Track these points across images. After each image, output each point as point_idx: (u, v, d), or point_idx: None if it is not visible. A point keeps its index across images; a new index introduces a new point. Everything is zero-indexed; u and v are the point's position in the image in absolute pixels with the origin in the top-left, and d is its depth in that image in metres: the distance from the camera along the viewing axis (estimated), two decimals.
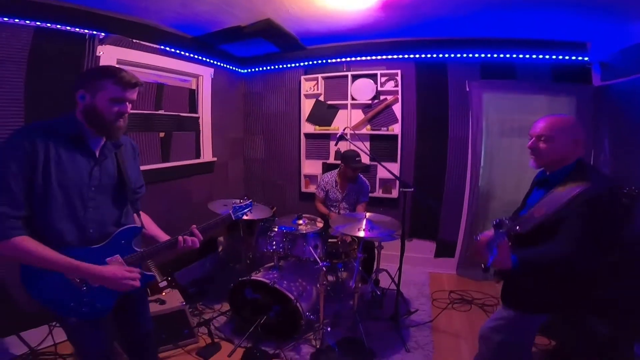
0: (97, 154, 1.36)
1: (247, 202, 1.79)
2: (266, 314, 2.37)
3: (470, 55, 3.38)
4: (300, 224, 2.61)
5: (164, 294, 2.45)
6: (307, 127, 4.03)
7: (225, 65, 3.86)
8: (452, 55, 3.43)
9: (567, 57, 3.16)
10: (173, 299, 2.39)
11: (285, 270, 2.61)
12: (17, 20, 2.06)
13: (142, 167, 1.67)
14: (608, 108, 2.97)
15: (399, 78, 3.59)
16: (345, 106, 3.83)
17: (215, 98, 3.70)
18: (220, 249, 3.81)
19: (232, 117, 4.11)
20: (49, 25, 2.18)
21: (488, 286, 3.32)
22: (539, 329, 1.58)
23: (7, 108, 2.03)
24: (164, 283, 2.53)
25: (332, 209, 3.27)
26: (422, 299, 3.12)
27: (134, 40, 2.74)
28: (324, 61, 3.84)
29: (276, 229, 2.62)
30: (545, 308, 1.47)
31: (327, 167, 3.93)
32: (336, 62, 3.81)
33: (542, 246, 1.32)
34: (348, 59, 3.76)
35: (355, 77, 3.74)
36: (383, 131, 3.74)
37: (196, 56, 3.38)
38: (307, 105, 3.99)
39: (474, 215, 3.53)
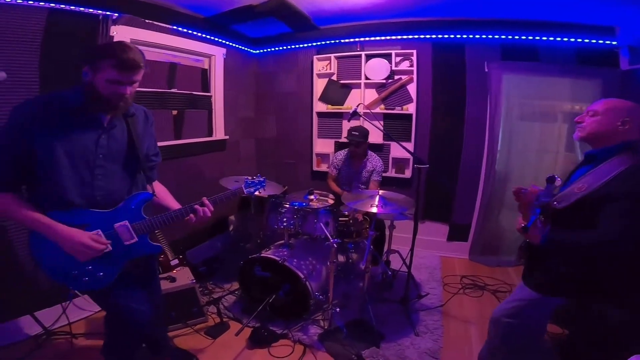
0: (106, 122, 1.35)
1: (260, 179, 1.77)
2: (275, 293, 2.36)
3: (490, 36, 3.25)
4: (312, 200, 2.58)
5: (174, 271, 2.47)
6: (320, 106, 3.99)
7: (237, 46, 3.84)
8: (471, 36, 3.32)
9: (593, 41, 3.02)
10: (183, 276, 2.39)
11: (295, 249, 2.59)
12: (31, 1, 2.04)
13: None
14: (637, 92, 2.83)
15: (414, 58, 3.51)
16: (358, 85, 3.78)
17: (228, 78, 3.69)
18: (231, 228, 3.85)
19: (244, 96, 4.11)
20: (62, 6, 2.17)
21: (501, 272, 3.27)
22: (551, 316, 1.54)
23: (22, 89, 2.02)
24: (176, 261, 2.54)
25: (345, 187, 3.24)
26: (433, 283, 3.09)
27: (147, 21, 2.72)
28: (337, 41, 3.77)
29: (287, 205, 2.59)
30: (569, 292, 1.43)
31: (339, 146, 3.91)
32: (349, 42, 3.74)
33: (581, 229, 1.27)
34: (362, 38, 3.68)
35: (369, 57, 3.67)
36: (397, 110, 3.67)
37: (208, 36, 3.37)
38: (319, 85, 3.95)
39: (489, 199, 3.45)
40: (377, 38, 3.63)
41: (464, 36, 3.33)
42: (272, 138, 4.32)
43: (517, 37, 3.18)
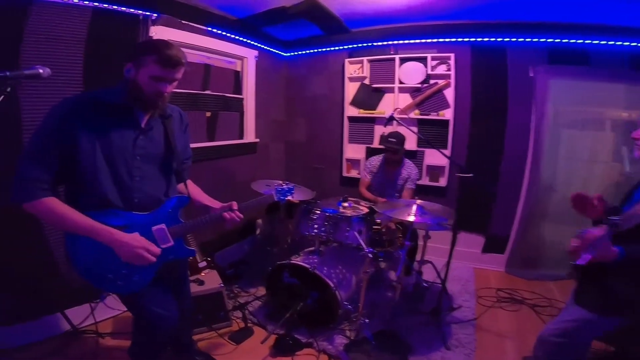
0: (143, 123, 1.34)
1: (290, 186, 1.74)
2: (303, 301, 2.29)
3: (535, 39, 3.09)
4: (345, 207, 2.50)
5: (203, 274, 2.45)
6: (351, 111, 3.91)
7: (268, 48, 3.83)
8: (514, 39, 3.16)
9: None
10: (212, 280, 2.38)
11: (325, 256, 2.52)
12: (76, 0, 2.09)
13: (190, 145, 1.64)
14: None
15: (452, 62, 3.38)
16: (391, 90, 3.68)
17: (259, 80, 3.69)
18: (258, 231, 3.82)
19: (274, 99, 4.10)
20: (105, 5, 2.21)
21: (540, 286, 3.08)
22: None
23: (67, 87, 2.06)
24: (204, 263, 2.53)
25: (377, 194, 3.14)
26: (466, 295, 2.95)
27: (183, 22, 2.75)
28: (370, 44, 3.70)
29: (318, 212, 2.52)
30: (630, 311, 1.34)
31: (370, 152, 3.80)
32: (382, 45, 3.66)
33: None
34: (395, 41, 3.59)
35: (403, 60, 3.57)
36: (433, 116, 3.53)
37: (241, 38, 3.38)
38: (351, 89, 3.87)
39: (531, 209, 3.24)
40: (412, 41, 3.54)
41: (506, 39, 3.19)
42: (302, 142, 4.29)
43: (565, 40, 3.00)
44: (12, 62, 1.85)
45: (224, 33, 3.17)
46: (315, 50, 3.99)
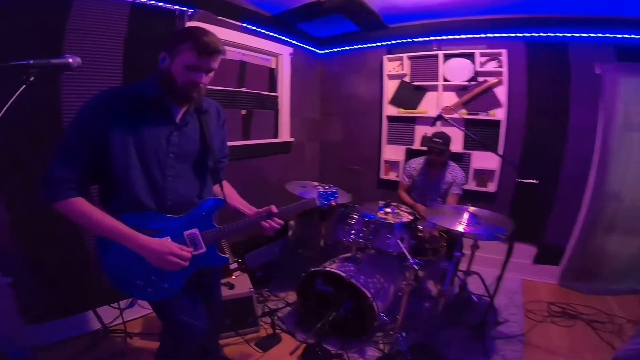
0: (178, 118, 1.25)
1: (333, 189, 1.61)
2: (335, 310, 2.18)
3: (602, 35, 2.79)
4: (387, 213, 2.33)
5: (233, 277, 2.40)
6: (390, 110, 3.72)
7: (303, 45, 3.75)
8: (576, 35, 2.87)
9: None
10: (242, 284, 2.33)
11: (363, 264, 2.38)
12: None
13: None
14: None
15: (503, 58, 3.11)
16: (434, 88, 3.45)
17: (294, 78, 3.61)
18: (290, 233, 3.72)
19: (309, 98, 4.01)
20: (143, 0, 2.21)
21: (598, 301, 2.79)
22: None
23: (108, 83, 2.06)
24: (235, 265, 2.48)
25: (418, 198, 2.94)
26: (513, 308, 2.71)
27: (218, 17, 2.71)
28: (410, 40, 3.52)
29: (357, 216, 2.38)
30: None
31: (410, 154, 3.58)
32: (424, 41, 3.46)
33: None
34: (438, 37, 3.38)
35: (447, 57, 3.34)
36: (482, 116, 3.25)
37: (276, 35, 3.33)
38: (390, 87, 3.69)
39: (594, 219, 2.92)
40: (457, 37, 3.32)
41: (567, 35, 2.90)
42: (337, 142, 4.15)
43: (636, 36, 2.68)
44: (55, 51, 1.85)
45: (258, 29, 3.12)
46: (351, 47, 3.86)
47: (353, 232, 2.37)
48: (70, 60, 1.03)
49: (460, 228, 1.95)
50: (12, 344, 1.70)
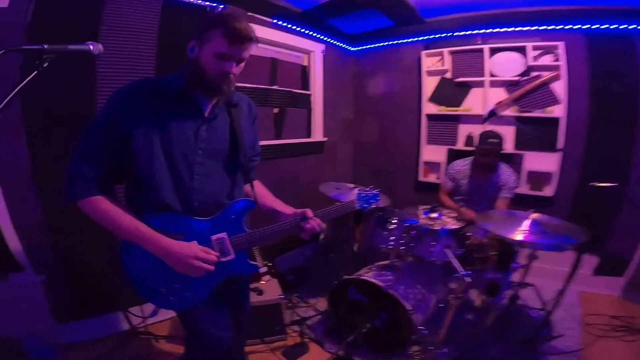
0: (207, 112, 1.14)
1: (374, 191, 1.46)
2: (370, 321, 2.02)
3: None
4: (433, 218, 2.14)
5: (262, 282, 2.32)
6: (430, 108, 3.50)
7: (335, 42, 3.66)
8: None
9: None
10: (272, 289, 2.25)
11: (402, 272, 2.21)
12: None
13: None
14: None
15: (561, 52, 2.82)
16: (480, 84, 3.19)
17: (326, 76, 3.53)
18: (322, 236, 3.53)
19: (342, 96, 3.90)
20: None
21: None
22: None
23: (140, 76, 2.05)
24: (264, 269, 2.40)
25: (462, 203, 2.70)
26: (570, 322, 2.45)
27: (249, 14, 2.67)
28: (450, 34, 3.32)
29: (396, 221, 2.21)
30: None
31: (453, 155, 3.32)
32: (466, 35, 3.25)
33: None
34: (483, 30, 3.16)
35: (494, 51, 3.09)
36: (537, 113, 2.95)
37: (306, 31, 3.26)
38: (429, 84, 3.47)
39: None
40: (505, 29, 3.08)
41: (633, 27, 2.58)
42: (372, 142, 3.98)
43: None
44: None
45: (289, 26, 3.07)
46: (386, 44, 3.71)
47: (392, 238, 2.20)
48: (92, 47, 0.94)
49: (520, 236, 1.71)
50: (41, 342, 1.68)
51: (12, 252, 1.76)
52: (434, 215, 2.13)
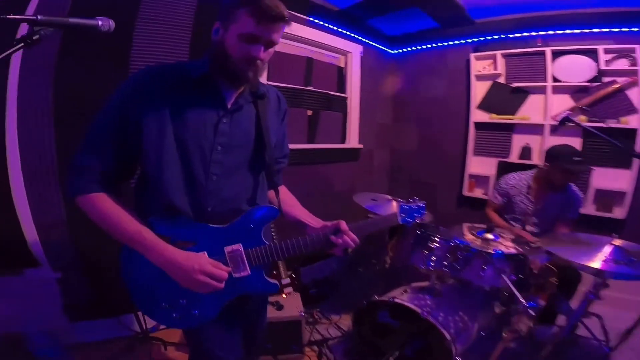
0: (230, 102, 0.98)
1: (419, 203, 1.26)
2: (400, 349, 1.80)
3: None
4: (487, 239, 1.87)
5: (284, 295, 2.20)
6: (479, 115, 3.21)
7: (373, 44, 3.51)
8: None
9: None
10: (292, 305, 2.10)
11: (443, 297, 1.97)
12: None
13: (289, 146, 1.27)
14: None
15: (638, 55, 2.50)
16: (541, 90, 2.89)
17: (364, 79, 3.37)
18: (350, 249, 3.39)
19: (380, 101, 3.71)
20: None
21: None
22: None
23: None
24: (287, 280, 2.27)
25: (514, 221, 2.38)
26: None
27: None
28: (503, 36, 3.08)
29: (439, 240, 1.96)
30: None
31: (505, 168, 3.00)
32: (523, 37, 3.01)
33: None
34: (543, 32, 2.90)
35: (556, 54, 2.80)
36: (611, 123, 2.57)
37: (344, 31, 3.14)
38: (478, 89, 3.21)
39: None
40: (571, 31, 2.81)
41: None
42: (411, 151, 3.73)
43: None
44: (125, 45, 1.86)
45: (325, 24, 2.95)
46: (429, 46, 3.52)
47: (434, 258, 1.95)
48: (100, 22, 0.80)
49: (598, 264, 1.43)
50: (48, 341, 1.61)
51: (29, 246, 1.71)
52: (489, 236, 1.85)
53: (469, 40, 3.25)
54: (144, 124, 0.90)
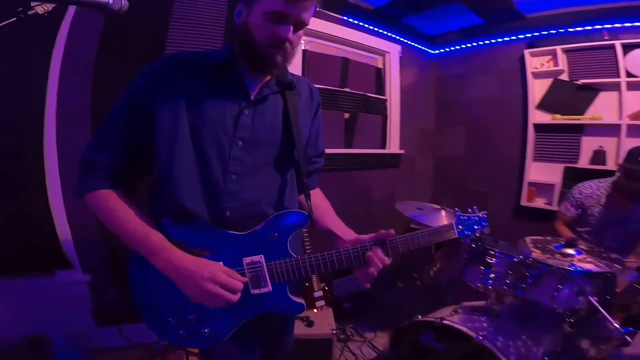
0: (254, 93, 0.88)
1: (479, 214, 1.06)
2: None
3: None
4: (568, 255, 1.60)
5: (315, 310, 2.10)
6: (539, 116, 2.91)
7: (413, 44, 3.37)
8: None
9: None
10: (323, 321, 1.97)
11: (503, 319, 1.72)
12: None
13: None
14: None
15: None
16: (614, 86, 2.57)
17: (403, 80, 3.22)
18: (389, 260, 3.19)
19: (422, 104, 3.53)
20: None
21: None
22: None
23: None
24: (320, 292, 2.17)
25: (589, 236, 2.08)
26: None
27: (317, 9, 2.57)
28: (563, 30, 2.81)
29: (500, 254, 1.73)
30: None
31: (573, 174, 2.69)
32: (586, 31, 2.73)
33: None
34: (608, 25, 2.61)
35: (627, 47, 2.50)
36: None
37: (380, 30, 3.03)
38: (537, 87, 2.93)
39: None
40: None
41: None
42: (458, 157, 3.47)
43: None
44: (160, 42, 1.87)
45: (360, 23, 2.87)
46: (474, 44, 3.31)
47: (492, 275, 1.73)
48: (111, 1, 0.70)
49: None
50: (72, 345, 1.57)
51: (62, 246, 1.70)
52: (570, 251, 1.57)
53: (521, 36, 3.00)
54: (158, 114, 0.82)
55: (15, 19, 0.62)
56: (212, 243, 0.82)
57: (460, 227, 1.00)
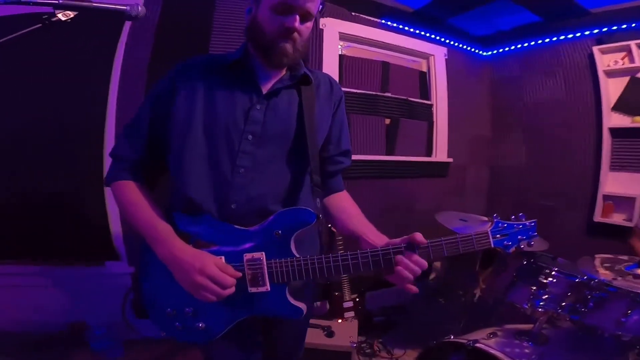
0: (266, 88, 0.90)
1: (526, 222, 0.91)
2: None
3: None
4: None
5: (340, 320, 2.09)
6: (615, 120, 2.55)
7: (460, 46, 3.21)
8: None
9: None
10: (345, 332, 1.94)
11: (551, 345, 1.54)
12: None
13: (363, 157, 1.09)
14: None
15: None
16: None
17: (452, 84, 3.07)
18: (432, 276, 3.01)
19: (475, 109, 3.32)
20: None
21: None
22: None
23: None
24: (350, 303, 2.16)
25: None
26: None
27: (353, 14, 2.60)
28: (634, 24, 2.54)
29: (556, 274, 1.51)
30: None
31: None
32: None
33: None
34: None
35: None
36: None
37: (422, 32, 2.96)
38: (611, 87, 2.62)
39: None
40: None
41: None
42: (517, 166, 3.17)
43: None
44: (204, 46, 2.03)
45: (400, 26, 2.83)
46: (532, 43, 3.09)
47: (545, 297, 1.51)
48: (128, 7, 0.76)
49: None
50: (108, 334, 1.66)
51: (112, 239, 1.85)
52: None
53: (587, 32, 2.75)
54: (174, 109, 0.87)
55: (40, 25, 0.69)
56: (218, 237, 0.83)
57: (499, 236, 0.87)
